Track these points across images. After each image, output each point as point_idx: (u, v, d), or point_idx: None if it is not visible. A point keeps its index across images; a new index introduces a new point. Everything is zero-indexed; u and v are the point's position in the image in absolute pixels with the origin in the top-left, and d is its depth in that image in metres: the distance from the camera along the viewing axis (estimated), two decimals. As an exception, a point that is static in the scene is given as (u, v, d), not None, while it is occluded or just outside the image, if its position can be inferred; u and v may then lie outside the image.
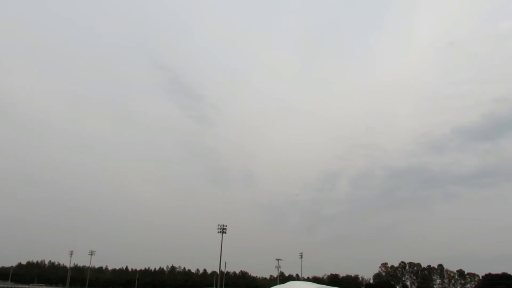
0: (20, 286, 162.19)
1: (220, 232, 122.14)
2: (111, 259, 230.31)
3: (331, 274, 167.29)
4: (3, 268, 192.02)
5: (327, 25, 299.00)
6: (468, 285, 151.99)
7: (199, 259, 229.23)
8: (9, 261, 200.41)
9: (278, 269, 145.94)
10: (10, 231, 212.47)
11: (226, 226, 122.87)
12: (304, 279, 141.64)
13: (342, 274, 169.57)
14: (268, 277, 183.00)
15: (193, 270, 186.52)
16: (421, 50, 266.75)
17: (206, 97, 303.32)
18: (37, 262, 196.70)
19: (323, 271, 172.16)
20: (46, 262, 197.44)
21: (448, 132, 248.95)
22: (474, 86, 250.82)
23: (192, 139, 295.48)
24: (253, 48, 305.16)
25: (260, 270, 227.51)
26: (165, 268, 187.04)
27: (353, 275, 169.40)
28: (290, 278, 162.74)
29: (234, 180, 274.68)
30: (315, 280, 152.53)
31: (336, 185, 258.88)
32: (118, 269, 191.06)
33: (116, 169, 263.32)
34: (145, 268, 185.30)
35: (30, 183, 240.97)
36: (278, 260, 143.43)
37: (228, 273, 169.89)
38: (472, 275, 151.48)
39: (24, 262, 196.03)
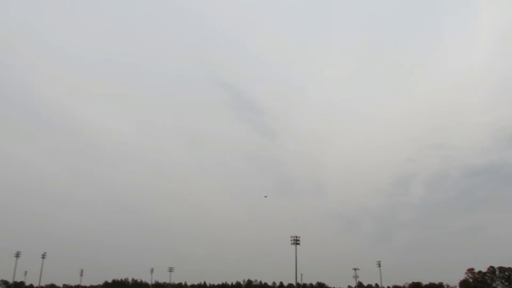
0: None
1: (294, 243, 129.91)
2: (189, 275, 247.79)
3: (413, 283, 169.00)
4: (92, 287, 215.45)
5: (388, 26, 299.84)
6: None
7: (274, 272, 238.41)
8: (97, 280, 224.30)
9: (356, 279, 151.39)
10: (98, 253, 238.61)
11: (299, 237, 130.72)
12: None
13: (425, 281, 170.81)
14: (345, 287, 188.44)
15: (270, 283, 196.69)
16: (490, 43, 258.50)
17: (268, 110, 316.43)
18: (121, 280, 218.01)
19: (404, 279, 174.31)
20: (130, 280, 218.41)
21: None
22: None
23: (258, 153, 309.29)
24: (309, 55, 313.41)
25: (337, 280, 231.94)
26: (241, 282, 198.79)
27: (437, 283, 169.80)
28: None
29: (303, 190, 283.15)
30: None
31: (409, 189, 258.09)
32: (196, 285, 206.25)
33: (190, 189, 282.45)
34: (222, 283, 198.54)
35: (115, 208, 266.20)
36: (355, 269, 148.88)
37: (304, 285, 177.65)
38: None
39: (109, 281, 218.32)
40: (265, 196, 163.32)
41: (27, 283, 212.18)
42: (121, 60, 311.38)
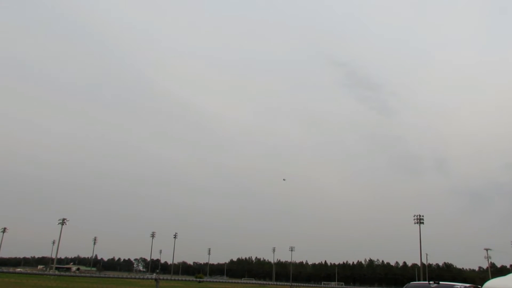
0: (234, 280, 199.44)
1: (417, 222, 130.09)
2: (310, 254, 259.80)
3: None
4: (219, 264, 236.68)
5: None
6: None
7: (397, 252, 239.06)
8: (223, 258, 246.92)
9: (488, 260, 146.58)
10: (223, 233, 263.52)
11: (422, 216, 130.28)
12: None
13: None
14: (476, 268, 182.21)
15: (392, 263, 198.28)
16: None
17: (384, 86, 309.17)
18: (245, 258, 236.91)
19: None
20: (253, 258, 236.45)
21: None
22: None
23: (376, 131, 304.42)
24: (430, 22, 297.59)
25: (466, 261, 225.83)
26: (363, 262, 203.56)
27: None
28: (504, 269, 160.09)
29: (425, 167, 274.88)
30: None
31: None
32: (317, 264, 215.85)
33: (306, 170, 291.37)
34: (343, 262, 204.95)
35: (237, 192, 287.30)
36: (487, 250, 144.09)
37: (430, 265, 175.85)
38: None
39: (235, 259, 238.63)
40: (284, 180, 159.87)
41: (162, 261, 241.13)
42: (236, 55, 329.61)
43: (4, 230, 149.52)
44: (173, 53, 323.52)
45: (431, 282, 9.51)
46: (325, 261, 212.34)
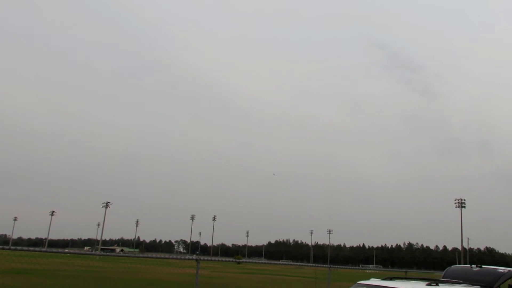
0: (272, 262, 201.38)
1: (458, 206, 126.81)
2: (348, 237, 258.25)
3: None
4: (257, 247, 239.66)
5: None
6: None
7: (437, 236, 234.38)
8: (261, 240, 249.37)
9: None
10: (261, 216, 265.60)
11: (464, 200, 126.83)
12: None
13: None
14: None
15: (432, 247, 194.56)
16: None
17: (428, 68, 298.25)
18: (283, 241, 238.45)
19: None
20: (291, 241, 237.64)
21: None
22: None
23: (418, 113, 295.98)
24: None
25: (509, 245, 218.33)
26: (401, 245, 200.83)
27: None
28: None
29: (469, 150, 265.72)
30: None
31: None
32: (355, 247, 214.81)
33: (346, 153, 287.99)
34: (381, 245, 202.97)
35: (276, 177, 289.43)
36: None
37: (471, 249, 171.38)
38: None
39: (273, 241, 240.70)
40: (274, 174, 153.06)
41: (201, 243, 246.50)
42: (275, 38, 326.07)
43: (52, 213, 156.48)
44: (213, 38, 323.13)
45: (473, 265, 9.00)
46: (363, 244, 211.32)
